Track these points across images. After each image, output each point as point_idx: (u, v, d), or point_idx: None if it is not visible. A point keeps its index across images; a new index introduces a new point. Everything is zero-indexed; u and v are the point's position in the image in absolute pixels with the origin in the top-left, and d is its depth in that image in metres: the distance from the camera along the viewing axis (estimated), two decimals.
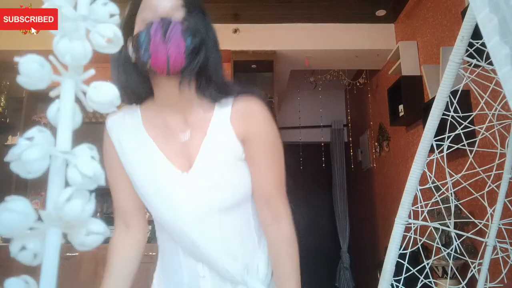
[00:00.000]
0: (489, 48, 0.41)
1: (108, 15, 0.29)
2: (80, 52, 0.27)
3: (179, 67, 0.82)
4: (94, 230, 0.27)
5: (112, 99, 0.29)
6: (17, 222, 0.25)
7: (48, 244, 0.26)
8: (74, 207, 0.25)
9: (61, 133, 0.28)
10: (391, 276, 0.78)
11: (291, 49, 3.50)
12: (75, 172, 0.26)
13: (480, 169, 0.87)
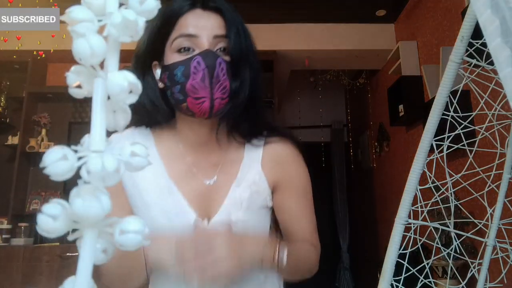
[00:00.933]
0: (491, 49, 0.41)
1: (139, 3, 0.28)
2: (100, 48, 0.26)
3: (222, 110, 0.73)
4: (127, 229, 0.27)
5: (131, 84, 0.28)
6: (50, 224, 0.25)
7: (84, 245, 0.26)
8: (90, 205, 0.25)
9: (94, 133, 0.27)
10: (391, 276, 0.78)
11: (291, 49, 3.50)
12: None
13: (480, 169, 0.87)
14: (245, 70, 0.76)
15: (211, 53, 0.71)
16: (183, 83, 0.71)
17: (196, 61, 0.71)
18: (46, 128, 3.41)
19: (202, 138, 0.80)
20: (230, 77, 0.73)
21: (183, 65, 0.72)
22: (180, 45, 0.73)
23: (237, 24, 0.76)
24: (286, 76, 4.11)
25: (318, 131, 4.92)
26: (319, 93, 4.62)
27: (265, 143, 0.84)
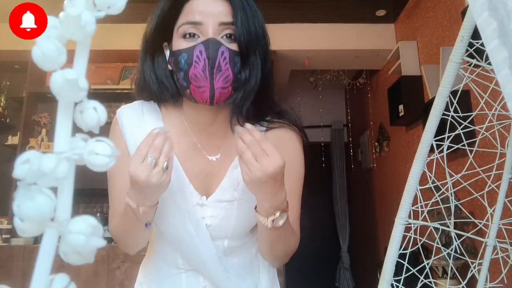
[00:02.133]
0: (488, 51, 0.41)
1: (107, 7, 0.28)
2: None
3: (223, 99, 0.74)
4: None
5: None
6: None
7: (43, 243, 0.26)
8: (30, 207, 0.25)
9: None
10: (391, 276, 0.78)
11: (291, 49, 3.50)
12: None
13: (480, 169, 0.87)
14: (254, 57, 0.76)
15: (213, 42, 0.71)
16: (186, 70, 0.72)
17: (198, 50, 0.71)
18: (46, 128, 3.41)
19: (206, 120, 0.82)
20: (233, 65, 0.73)
21: (187, 53, 0.73)
22: (185, 31, 0.74)
23: (245, 10, 0.74)
24: (286, 76, 4.11)
25: (318, 131, 4.92)
26: (319, 93, 4.62)
27: (267, 129, 0.85)
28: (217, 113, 0.81)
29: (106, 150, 0.27)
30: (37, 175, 0.25)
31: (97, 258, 3.01)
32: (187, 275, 0.85)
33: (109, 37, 3.24)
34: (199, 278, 0.84)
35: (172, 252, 0.85)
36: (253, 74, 0.76)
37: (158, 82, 0.79)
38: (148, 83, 0.79)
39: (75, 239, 0.26)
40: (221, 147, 0.84)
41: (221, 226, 0.82)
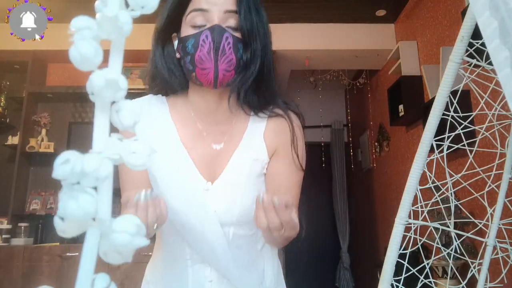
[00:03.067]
0: (489, 51, 0.41)
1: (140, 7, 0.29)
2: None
3: (226, 82, 0.79)
4: (117, 229, 0.27)
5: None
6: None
7: (86, 243, 0.26)
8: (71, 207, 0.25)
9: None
10: (391, 276, 0.78)
11: (291, 49, 3.50)
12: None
13: (480, 169, 0.87)
14: (255, 45, 0.81)
15: (218, 28, 0.77)
16: (193, 54, 0.78)
17: (204, 34, 0.77)
18: (46, 128, 3.41)
19: (212, 106, 0.86)
20: (236, 51, 0.78)
21: (193, 38, 0.78)
22: (193, 18, 0.80)
23: (249, 3, 0.80)
24: (286, 76, 4.11)
25: (318, 131, 4.92)
26: (319, 93, 4.62)
27: (270, 116, 0.89)
28: (221, 99, 0.86)
29: (144, 150, 0.28)
30: (79, 175, 0.25)
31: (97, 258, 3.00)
32: (193, 269, 0.86)
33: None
34: (205, 272, 0.86)
35: (180, 242, 0.87)
36: (253, 61, 0.81)
37: (168, 70, 0.84)
38: (160, 72, 0.85)
39: (119, 238, 0.26)
40: (226, 133, 0.88)
41: (227, 211, 0.84)
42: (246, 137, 0.88)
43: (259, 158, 0.87)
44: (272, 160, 0.89)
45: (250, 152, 0.86)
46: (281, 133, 0.90)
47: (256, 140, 0.88)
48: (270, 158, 0.89)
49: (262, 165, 0.88)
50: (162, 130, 0.86)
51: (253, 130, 0.88)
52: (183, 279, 0.87)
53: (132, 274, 2.78)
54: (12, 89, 3.54)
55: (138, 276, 0.99)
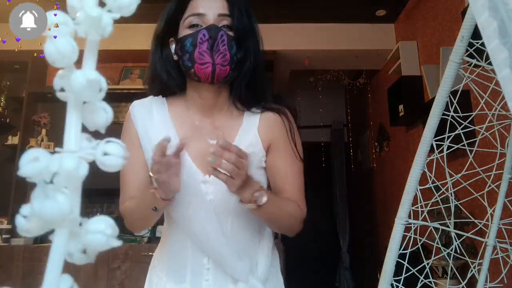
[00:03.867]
0: (489, 51, 0.41)
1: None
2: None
3: (223, 76, 0.86)
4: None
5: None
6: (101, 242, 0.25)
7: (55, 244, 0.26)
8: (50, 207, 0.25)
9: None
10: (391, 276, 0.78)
11: (291, 49, 3.50)
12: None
13: (480, 169, 0.87)
14: (247, 44, 0.89)
15: (214, 27, 0.85)
16: (191, 51, 0.85)
17: (202, 33, 0.85)
18: (46, 128, 3.41)
19: (208, 102, 0.93)
20: (231, 47, 0.86)
21: (192, 37, 0.86)
22: (190, 22, 0.88)
23: (239, 6, 0.90)
24: (286, 76, 4.11)
25: (318, 131, 4.91)
26: (319, 93, 4.62)
27: (263, 110, 0.95)
28: (217, 96, 0.92)
29: (118, 151, 0.27)
30: (49, 174, 0.25)
31: (97, 258, 3.00)
32: (192, 256, 0.93)
33: (109, 37, 3.22)
34: (203, 260, 0.93)
35: (182, 233, 0.94)
36: (247, 58, 0.89)
37: (166, 72, 0.91)
38: (159, 74, 0.92)
39: (94, 239, 0.26)
40: (221, 128, 0.93)
41: (224, 201, 0.90)
42: (241, 132, 0.93)
43: (255, 151, 0.92)
44: (271, 154, 0.95)
45: (246, 145, 0.90)
46: (275, 127, 0.95)
47: (251, 134, 0.93)
48: (267, 152, 0.95)
49: (258, 158, 0.93)
50: (162, 128, 0.92)
51: (248, 125, 0.94)
52: (184, 265, 0.94)
53: (132, 274, 2.78)
54: (12, 89, 3.54)
55: (138, 276, 1.00)
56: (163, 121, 0.93)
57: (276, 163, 0.95)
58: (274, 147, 0.94)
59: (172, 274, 0.96)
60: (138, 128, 0.93)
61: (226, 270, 0.92)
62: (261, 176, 0.95)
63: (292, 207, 0.93)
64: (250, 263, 0.94)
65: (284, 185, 0.95)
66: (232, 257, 0.91)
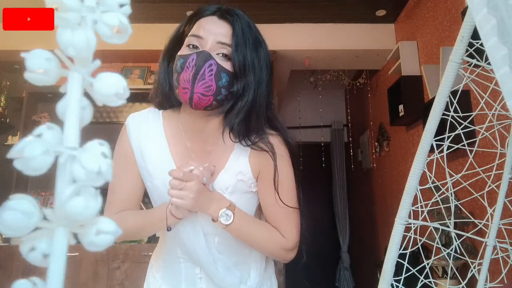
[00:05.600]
0: (487, 48, 0.41)
1: (118, 5, 0.29)
2: (82, 42, 0.26)
3: (204, 106, 0.84)
4: (104, 229, 0.27)
5: (118, 90, 0.29)
6: (20, 221, 0.24)
7: (56, 244, 0.26)
8: (76, 204, 0.25)
9: (68, 129, 0.27)
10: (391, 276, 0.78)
11: (291, 49, 3.50)
12: (79, 167, 0.26)
13: (480, 169, 0.87)
14: (248, 78, 0.85)
15: (205, 54, 0.83)
16: (179, 73, 0.84)
17: (191, 57, 0.83)
18: None
19: (199, 126, 0.92)
20: (218, 79, 0.83)
21: (183, 59, 0.85)
22: (189, 41, 0.87)
23: (245, 37, 0.85)
24: (286, 76, 4.11)
25: (318, 131, 4.91)
26: (319, 93, 4.62)
27: (254, 143, 0.92)
28: (208, 120, 0.91)
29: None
30: (94, 175, 0.26)
31: (97, 258, 3.01)
32: (185, 266, 0.96)
33: None
34: (195, 270, 0.96)
35: (173, 244, 0.97)
36: (245, 93, 0.85)
37: (169, 84, 0.91)
38: (162, 85, 0.92)
39: (103, 239, 0.27)
40: (212, 153, 0.93)
41: (211, 223, 0.90)
42: (232, 158, 0.93)
43: (244, 179, 0.93)
44: (259, 182, 0.95)
45: (235, 172, 0.92)
46: (264, 159, 0.93)
47: (241, 162, 0.93)
48: (257, 178, 0.95)
49: (248, 184, 0.94)
50: (157, 147, 0.93)
51: (239, 152, 0.93)
52: (178, 273, 0.97)
53: (132, 274, 2.78)
54: (12, 89, 3.54)
55: (138, 276, 1.01)
56: (158, 139, 0.94)
57: (263, 192, 0.95)
58: (262, 176, 0.94)
59: (168, 278, 0.99)
60: (132, 142, 0.94)
61: (216, 281, 0.94)
62: (250, 199, 0.96)
63: (271, 232, 0.94)
64: (240, 274, 0.97)
65: (269, 214, 0.96)
66: (221, 270, 0.93)
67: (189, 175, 0.82)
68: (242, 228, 0.89)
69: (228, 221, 0.87)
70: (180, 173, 0.81)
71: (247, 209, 0.95)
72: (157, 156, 0.93)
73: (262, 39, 0.91)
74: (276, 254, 0.96)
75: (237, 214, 0.88)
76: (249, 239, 0.92)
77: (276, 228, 0.95)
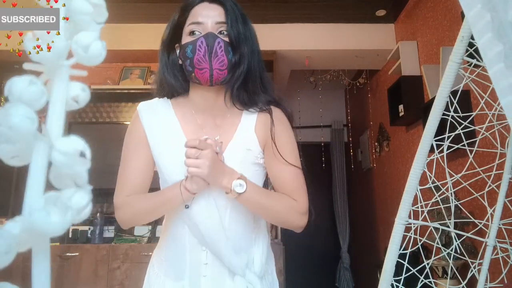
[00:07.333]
0: (479, 45, 0.40)
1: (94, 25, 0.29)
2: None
3: (221, 79, 0.94)
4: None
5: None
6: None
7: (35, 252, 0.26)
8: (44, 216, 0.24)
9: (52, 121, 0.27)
10: (391, 276, 0.78)
11: (291, 49, 3.50)
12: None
13: (480, 169, 0.87)
14: (243, 48, 0.95)
15: (211, 35, 0.93)
16: (191, 58, 0.93)
17: (200, 41, 0.93)
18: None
19: (209, 103, 1.01)
20: (227, 53, 0.93)
21: (191, 44, 0.93)
22: (191, 29, 0.96)
23: (235, 14, 0.96)
24: (286, 76, 4.11)
25: (318, 131, 4.91)
26: (319, 93, 4.62)
27: (260, 111, 1.02)
28: (217, 96, 0.99)
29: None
30: None
31: (97, 258, 3.01)
32: (191, 253, 0.98)
33: (109, 37, 3.23)
34: (201, 256, 0.97)
35: (182, 226, 0.99)
36: (241, 62, 0.95)
37: (173, 75, 1.00)
38: (166, 77, 1.00)
39: None
40: (221, 126, 1.01)
41: (224, 196, 0.94)
42: (240, 130, 1.00)
43: (252, 149, 0.99)
44: (266, 151, 1.01)
45: (243, 143, 0.99)
46: (268, 125, 1.01)
47: (248, 132, 1.00)
48: (263, 149, 1.01)
49: (255, 155, 0.99)
50: (168, 127, 1.00)
51: (245, 124, 1.01)
52: (182, 261, 0.99)
53: (132, 274, 2.78)
54: None
55: (138, 276, 1.00)
56: (169, 120, 1.00)
57: (268, 161, 1.01)
58: (268, 144, 1.00)
59: (171, 271, 1.00)
60: (145, 126, 1.00)
61: (224, 261, 0.96)
62: (257, 172, 1.01)
63: (283, 198, 0.98)
64: (246, 258, 0.98)
65: (278, 181, 1.00)
66: (230, 251, 0.95)
67: (204, 143, 0.88)
68: (256, 196, 0.93)
69: (241, 189, 0.90)
70: (196, 141, 0.87)
71: (257, 181, 0.99)
72: (169, 134, 0.99)
73: (246, 14, 1.01)
74: (291, 220, 0.98)
75: (249, 184, 0.92)
76: (263, 207, 0.96)
77: (285, 194, 0.99)
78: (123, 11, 3.16)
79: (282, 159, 0.98)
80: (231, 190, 0.90)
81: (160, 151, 0.98)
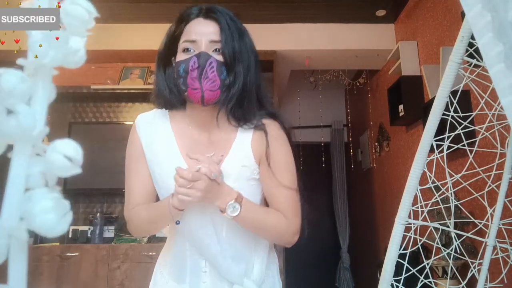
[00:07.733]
0: (480, 45, 0.40)
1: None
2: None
3: (214, 100, 0.93)
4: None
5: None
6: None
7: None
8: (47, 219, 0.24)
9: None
10: (391, 276, 0.78)
11: (291, 49, 3.50)
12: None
13: (480, 169, 0.87)
14: (238, 66, 0.93)
15: (204, 55, 0.92)
16: (184, 77, 0.92)
17: (192, 60, 0.92)
18: None
19: (205, 119, 1.00)
20: (220, 73, 0.92)
21: (184, 63, 0.93)
22: (184, 47, 0.95)
23: (231, 30, 0.94)
24: (286, 76, 4.11)
25: (318, 131, 4.91)
26: (319, 93, 4.62)
27: (256, 126, 1.00)
28: (213, 113, 0.97)
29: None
30: None
31: (97, 258, 3.01)
32: (191, 259, 0.99)
33: (109, 37, 3.23)
34: (201, 264, 0.98)
35: (182, 237, 1.01)
36: (236, 81, 0.93)
37: (169, 88, 0.99)
38: (161, 91, 0.99)
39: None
40: (216, 142, 1.00)
41: (220, 213, 0.94)
42: (235, 146, 0.99)
43: (247, 165, 0.98)
44: (261, 166, 1.00)
45: (238, 159, 0.98)
46: (263, 141, 0.99)
47: (244, 149, 0.99)
48: (259, 164, 1.00)
49: (251, 170, 0.99)
50: (164, 141, 1.00)
51: (241, 139, 1.00)
52: (183, 267, 1.00)
53: (132, 274, 2.78)
54: None
55: (138, 276, 1.01)
56: (165, 134, 1.00)
57: (263, 177, 1.00)
58: (262, 161, 0.99)
59: (174, 274, 1.02)
60: (142, 140, 1.00)
61: (222, 273, 0.97)
62: (253, 187, 1.00)
63: (276, 218, 0.97)
64: (245, 267, 0.99)
65: (271, 197, 1.00)
66: (227, 261, 0.96)
67: (197, 175, 0.86)
68: (249, 218, 0.93)
69: (234, 212, 0.91)
70: (189, 175, 0.85)
71: (252, 198, 0.98)
72: (164, 148, 0.99)
73: (244, 27, 1.00)
74: (283, 239, 0.99)
75: (244, 205, 0.92)
76: (256, 227, 0.96)
77: (277, 211, 0.98)
78: (123, 11, 3.16)
79: (276, 180, 0.97)
80: (225, 212, 0.91)
81: (155, 164, 0.99)
